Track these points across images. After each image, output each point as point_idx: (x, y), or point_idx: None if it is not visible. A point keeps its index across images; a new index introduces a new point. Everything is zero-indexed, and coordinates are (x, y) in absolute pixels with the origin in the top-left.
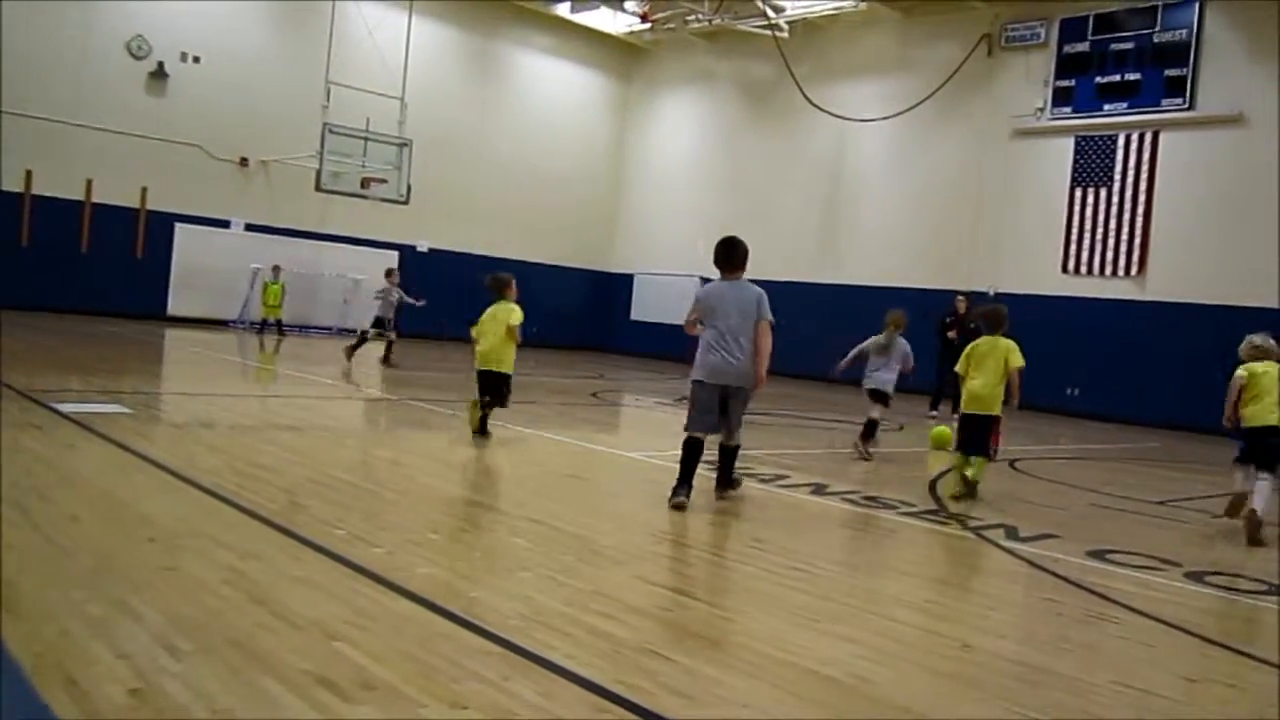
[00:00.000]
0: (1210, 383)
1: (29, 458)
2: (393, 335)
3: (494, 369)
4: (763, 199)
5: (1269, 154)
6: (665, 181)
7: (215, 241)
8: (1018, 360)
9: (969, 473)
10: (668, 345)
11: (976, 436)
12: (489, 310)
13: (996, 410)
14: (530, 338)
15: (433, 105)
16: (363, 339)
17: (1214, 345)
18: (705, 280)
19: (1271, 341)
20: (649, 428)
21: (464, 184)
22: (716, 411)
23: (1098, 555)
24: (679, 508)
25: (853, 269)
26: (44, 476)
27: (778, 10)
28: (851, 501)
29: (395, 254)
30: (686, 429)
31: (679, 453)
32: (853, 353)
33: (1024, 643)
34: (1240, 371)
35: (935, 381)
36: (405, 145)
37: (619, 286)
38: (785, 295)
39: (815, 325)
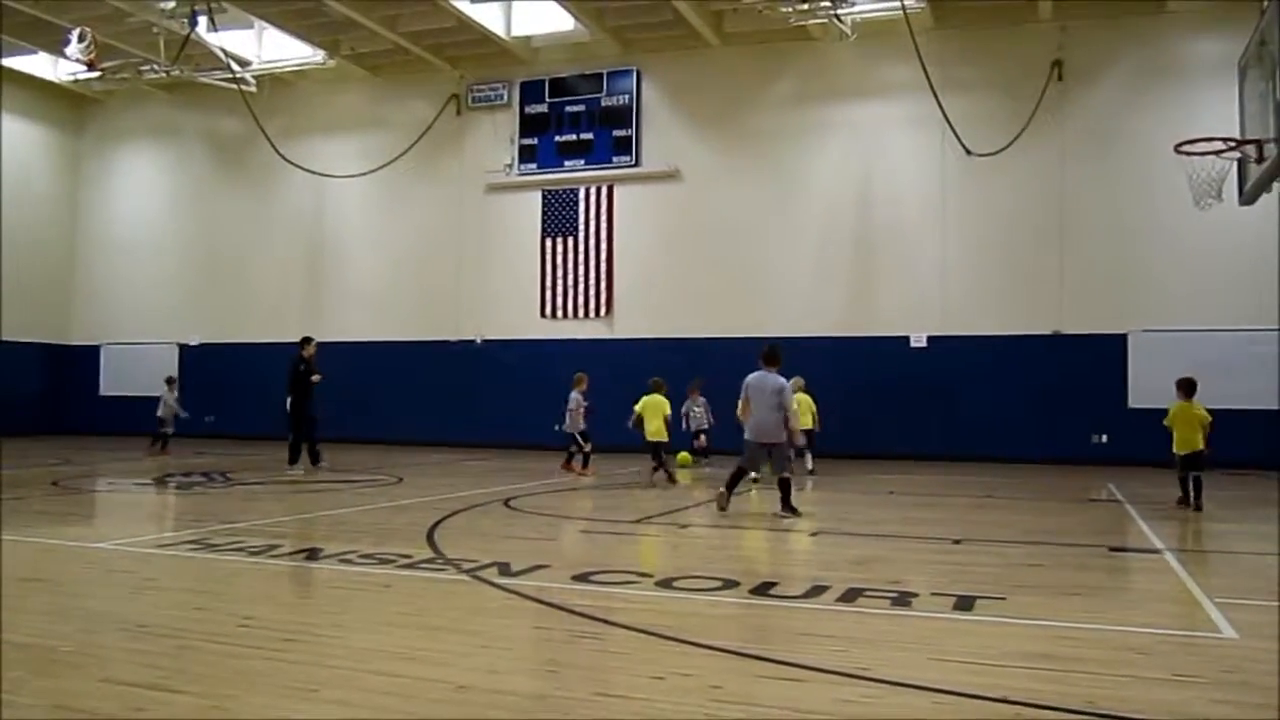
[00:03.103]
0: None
1: None
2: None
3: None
4: (240, 258)
5: (700, 203)
6: (132, 243)
7: None
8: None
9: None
10: (147, 421)
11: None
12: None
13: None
14: None
15: None
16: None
17: (681, 375)
18: (182, 347)
19: (800, 380)
20: (125, 513)
21: None
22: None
23: (582, 578)
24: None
25: (340, 326)
26: None
27: (242, 64)
28: (348, 562)
29: None
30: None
31: (166, 534)
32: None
33: (515, 673)
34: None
35: (291, 430)
36: None
37: (82, 360)
38: (270, 357)
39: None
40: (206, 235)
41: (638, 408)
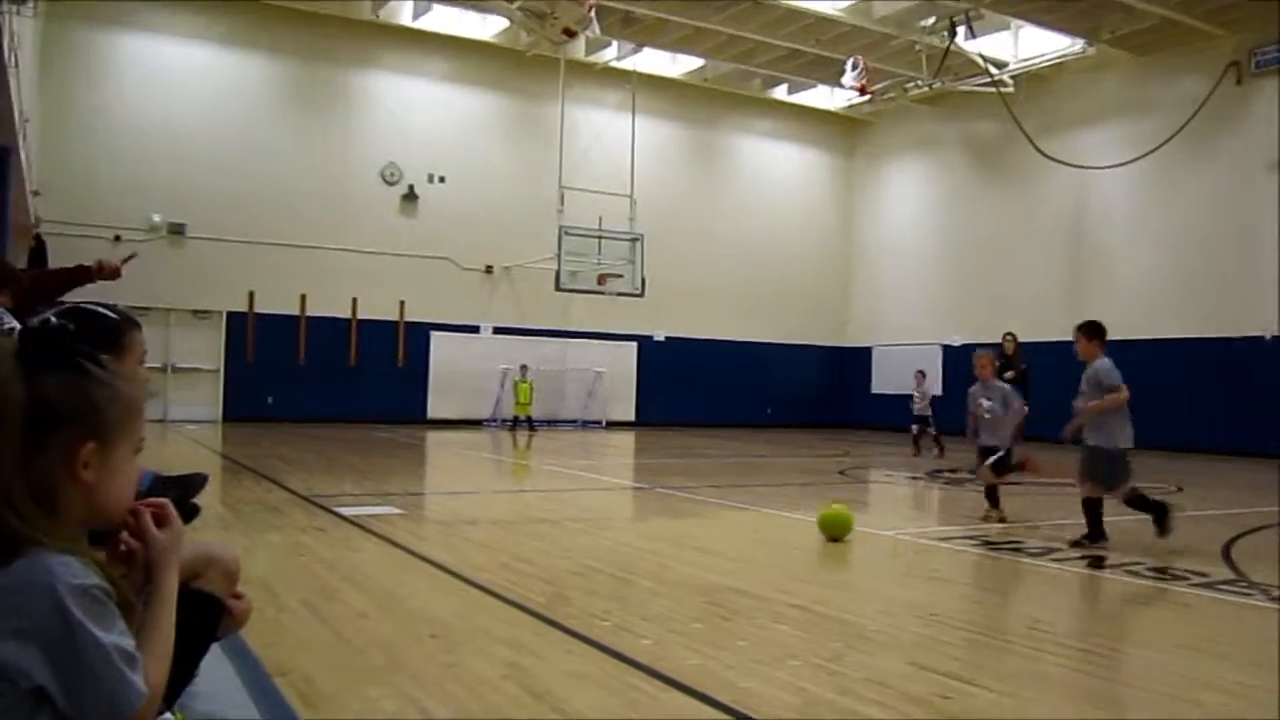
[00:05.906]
0: None
1: (314, 559)
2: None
3: None
4: (998, 259)
5: None
6: (895, 251)
7: (467, 346)
8: None
9: None
10: (911, 418)
11: None
12: None
13: None
14: (768, 418)
15: (660, 199)
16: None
17: None
18: (944, 347)
19: None
20: (901, 504)
21: (695, 271)
22: None
23: None
24: None
25: (1106, 322)
26: (329, 577)
27: (1000, 66)
28: (1135, 574)
29: (634, 345)
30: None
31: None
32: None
33: None
34: None
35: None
36: (637, 240)
37: (857, 360)
38: (1029, 355)
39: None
40: (966, 238)
41: None
